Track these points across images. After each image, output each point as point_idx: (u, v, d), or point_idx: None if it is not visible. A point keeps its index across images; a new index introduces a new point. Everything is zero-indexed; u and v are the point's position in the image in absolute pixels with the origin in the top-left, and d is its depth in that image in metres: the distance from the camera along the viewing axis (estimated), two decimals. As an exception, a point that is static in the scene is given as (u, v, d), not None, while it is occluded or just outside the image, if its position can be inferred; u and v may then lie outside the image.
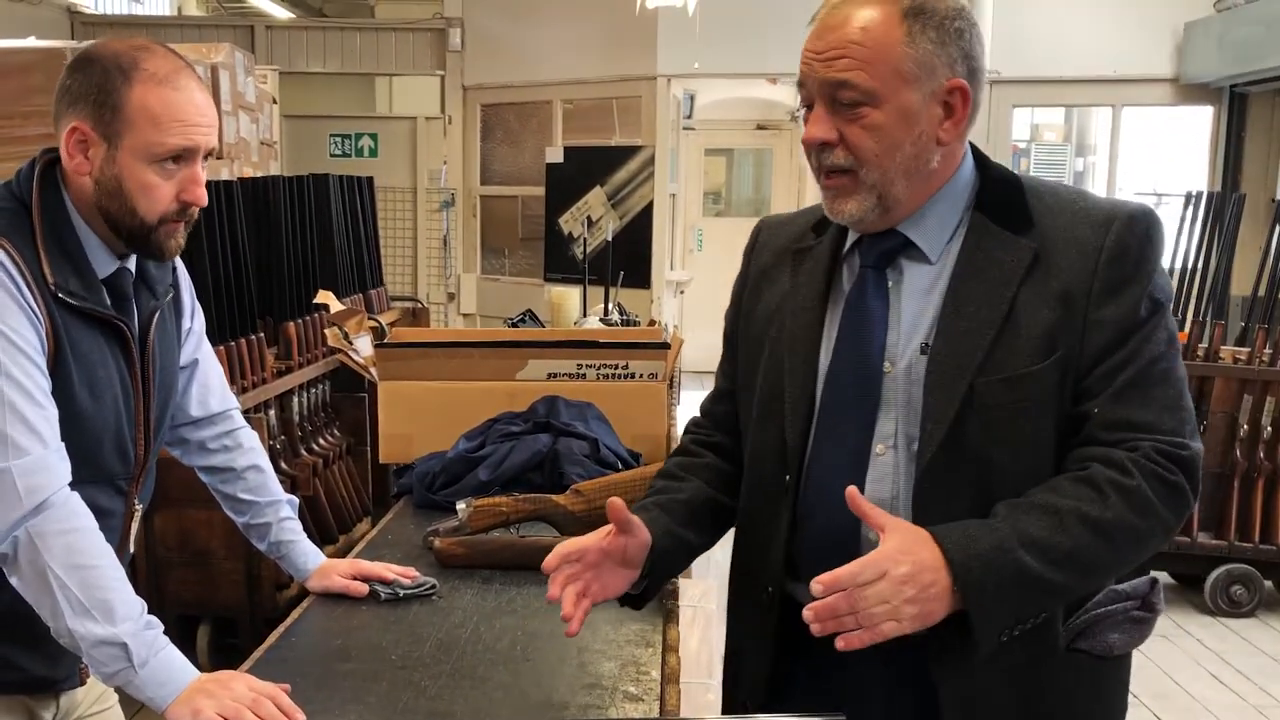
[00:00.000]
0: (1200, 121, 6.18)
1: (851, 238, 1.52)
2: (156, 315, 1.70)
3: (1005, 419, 1.38)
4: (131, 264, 1.66)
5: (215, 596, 4.07)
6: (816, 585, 1.29)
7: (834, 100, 1.39)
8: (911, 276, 1.46)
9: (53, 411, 1.51)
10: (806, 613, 1.30)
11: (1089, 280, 1.38)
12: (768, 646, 1.54)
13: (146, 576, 4.03)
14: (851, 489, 1.34)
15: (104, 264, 1.62)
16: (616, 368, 2.78)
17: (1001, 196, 1.45)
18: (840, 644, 1.30)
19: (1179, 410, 1.40)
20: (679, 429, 3.29)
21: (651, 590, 1.59)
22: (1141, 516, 1.34)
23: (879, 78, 1.37)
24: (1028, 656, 1.40)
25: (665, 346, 2.85)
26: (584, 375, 2.78)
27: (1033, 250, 1.40)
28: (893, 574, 1.28)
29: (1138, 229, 1.40)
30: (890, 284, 1.46)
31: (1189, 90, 6.97)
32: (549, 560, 1.51)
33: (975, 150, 1.50)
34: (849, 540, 1.41)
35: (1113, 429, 1.37)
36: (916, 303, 1.45)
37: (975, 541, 1.32)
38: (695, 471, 1.66)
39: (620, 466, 2.48)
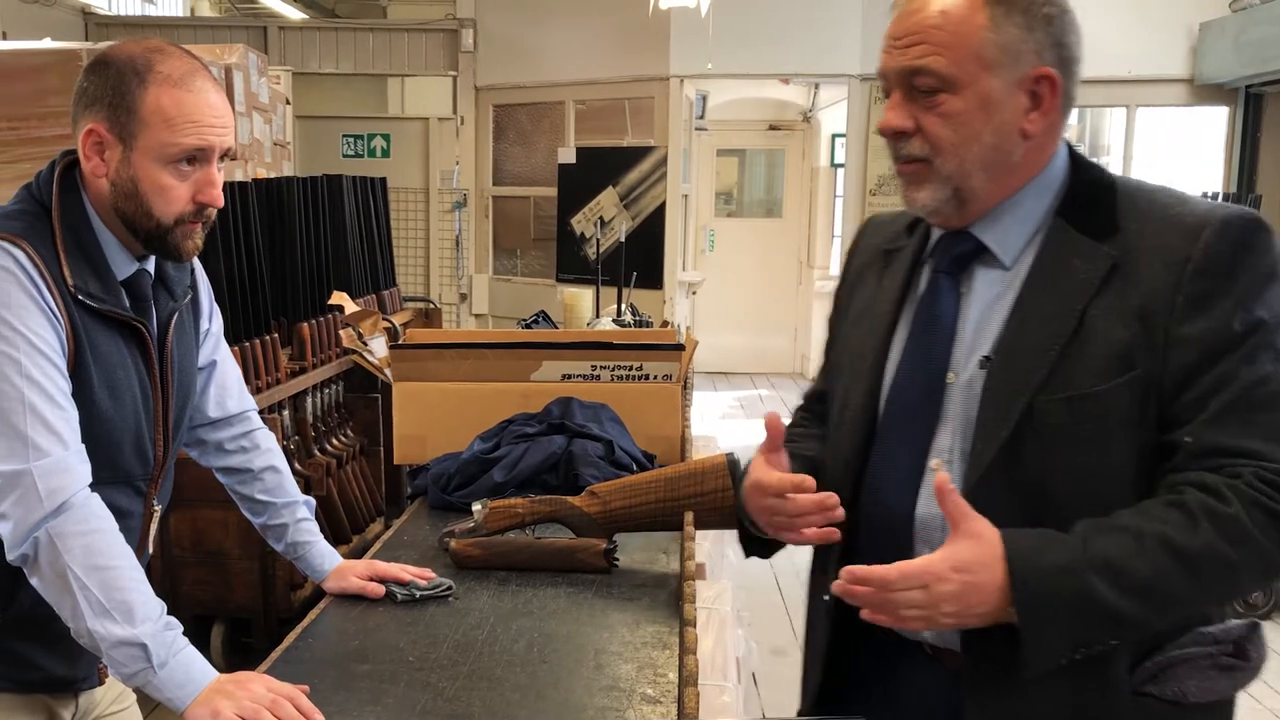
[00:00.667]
0: (1215, 122, 6.15)
1: (933, 239, 1.46)
2: (175, 316, 1.71)
3: (1065, 443, 1.28)
4: (150, 266, 1.67)
5: (230, 596, 4.08)
6: (845, 576, 1.25)
7: (911, 87, 1.34)
8: (983, 283, 1.39)
9: (73, 413, 1.52)
10: (835, 585, 1.26)
11: (1172, 294, 1.26)
12: (820, 656, 1.52)
13: (161, 576, 4.04)
14: (941, 477, 1.27)
15: (123, 266, 1.63)
16: (631, 369, 2.78)
17: (1087, 199, 1.36)
18: (865, 614, 1.27)
19: None
20: (693, 430, 3.30)
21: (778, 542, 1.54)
22: (1235, 547, 1.21)
23: (957, 63, 1.30)
24: (1076, 689, 1.30)
25: (680, 348, 2.85)
26: (598, 376, 2.78)
27: (1111, 260, 1.30)
28: (934, 589, 1.23)
29: (1231, 235, 1.27)
30: (962, 291, 1.40)
31: (1204, 91, 6.93)
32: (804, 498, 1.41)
33: (1072, 151, 1.41)
34: (903, 555, 1.32)
35: (1209, 456, 1.24)
36: (984, 312, 1.37)
37: (1042, 555, 1.23)
38: (806, 441, 1.61)
39: (635, 468, 2.48)
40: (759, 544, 1.59)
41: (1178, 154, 8.39)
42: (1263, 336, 1.25)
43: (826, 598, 1.46)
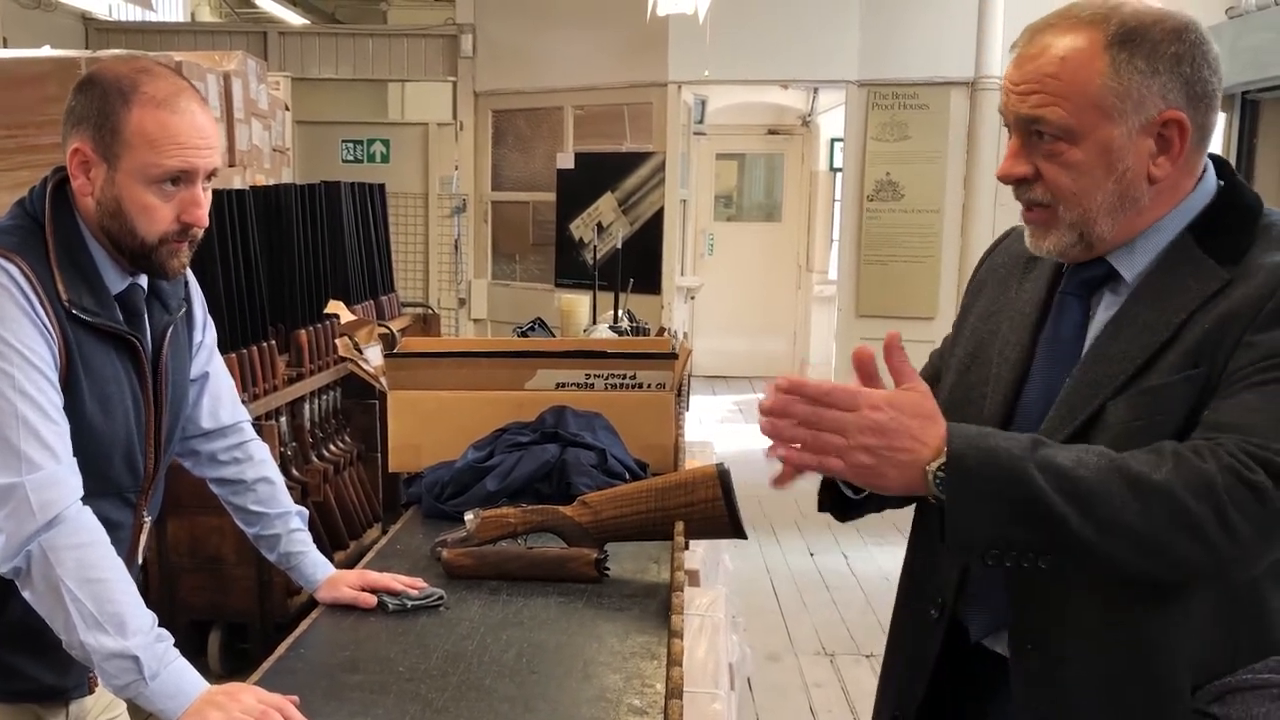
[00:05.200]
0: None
1: None
2: (169, 330, 1.72)
3: (1121, 437, 1.25)
4: (144, 280, 1.69)
5: (227, 602, 4.10)
6: (781, 382, 1.23)
7: (1030, 133, 1.32)
8: (1107, 306, 1.37)
9: (65, 427, 1.53)
10: (762, 402, 1.23)
11: (1258, 305, 1.23)
12: (925, 670, 1.49)
13: (159, 583, 4.06)
14: (892, 333, 1.26)
15: (116, 280, 1.64)
16: (624, 377, 2.79)
17: (1221, 223, 1.33)
18: (770, 453, 1.24)
19: None
20: (691, 435, 3.30)
21: (869, 504, 1.51)
22: (1197, 499, 1.15)
23: (1075, 114, 1.27)
24: (1129, 699, 1.28)
25: (673, 356, 2.87)
26: (592, 385, 2.79)
27: (1224, 281, 1.27)
28: (864, 413, 1.20)
29: None
30: (1091, 313, 1.39)
31: (1201, 96, 6.89)
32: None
33: (1224, 172, 1.37)
34: None
35: (1213, 429, 1.21)
36: (1100, 328, 1.36)
37: (986, 438, 1.21)
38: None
39: (628, 477, 2.49)
40: (840, 502, 1.54)
41: (1176, 159, 8.37)
42: None
43: (934, 612, 1.46)
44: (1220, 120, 6.07)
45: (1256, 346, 1.22)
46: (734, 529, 2.06)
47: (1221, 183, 1.37)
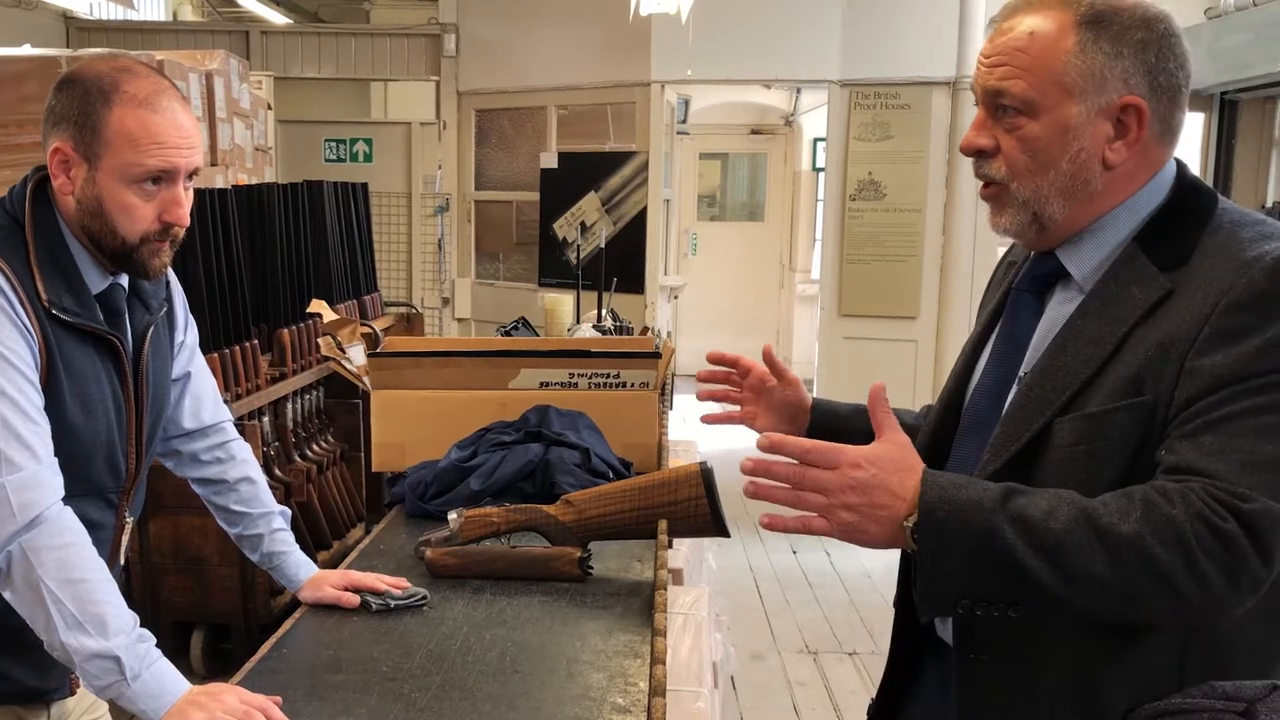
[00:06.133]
0: (1192, 128, 6.19)
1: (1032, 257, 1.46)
2: (150, 330, 1.72)
3: (1066, 461, 1.27)
4: (124, 280, 1.68)
5: (210, 603, 4.09)
6: (762, 440, 1.25)
7: (995, 108, 1.34)
8: (1057, 302, 1.39)
9: (46, 427, 1.53)
10: (745, 462, 1.25)
11: (1198, 327, 1.22)
12: (889, 657, 1.55)
13: (141, 583, 4.04)
14: (877, 385, 1.29)
15: (97, 280, 1.64)
16: (608, 376, 2.80)
17: (1169, 227, 1.32)
18: (763, 520, 1.27)
19: (1272, 473, 1.16)
20: (675, 434, 3.31)
21: None
22: (1166, 549, 1.15)
23: (1038, 88, 1.29)
24: (1065, 715, 1.30)
25: (656, 356, 2.87)
26: (575, 384, 2.79)
27: (1166, 290, 1.27)
28: (845, 472, 1.22)
29: (1279, 277, 1.21)
30: (1041, 309, 1.40)
31: (1181, 96, 6.94)
32: (713, 356, 1.66)
33: (1183, 177, 1.37)
34: None
35: (1176, 472, 1.19)
36: (1048, 330, 1.37)
37: (959, 490, 1.21)
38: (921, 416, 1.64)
39: (612, 476, 2.49)
40: None
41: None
42: None
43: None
44: (1199, 120, 6.09)
45: (1199, 374, 1.21)
46: (717, 527, 2.07)
47: (1177, 184, 1.36)
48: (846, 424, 1.72)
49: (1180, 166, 1.39)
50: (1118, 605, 1.19)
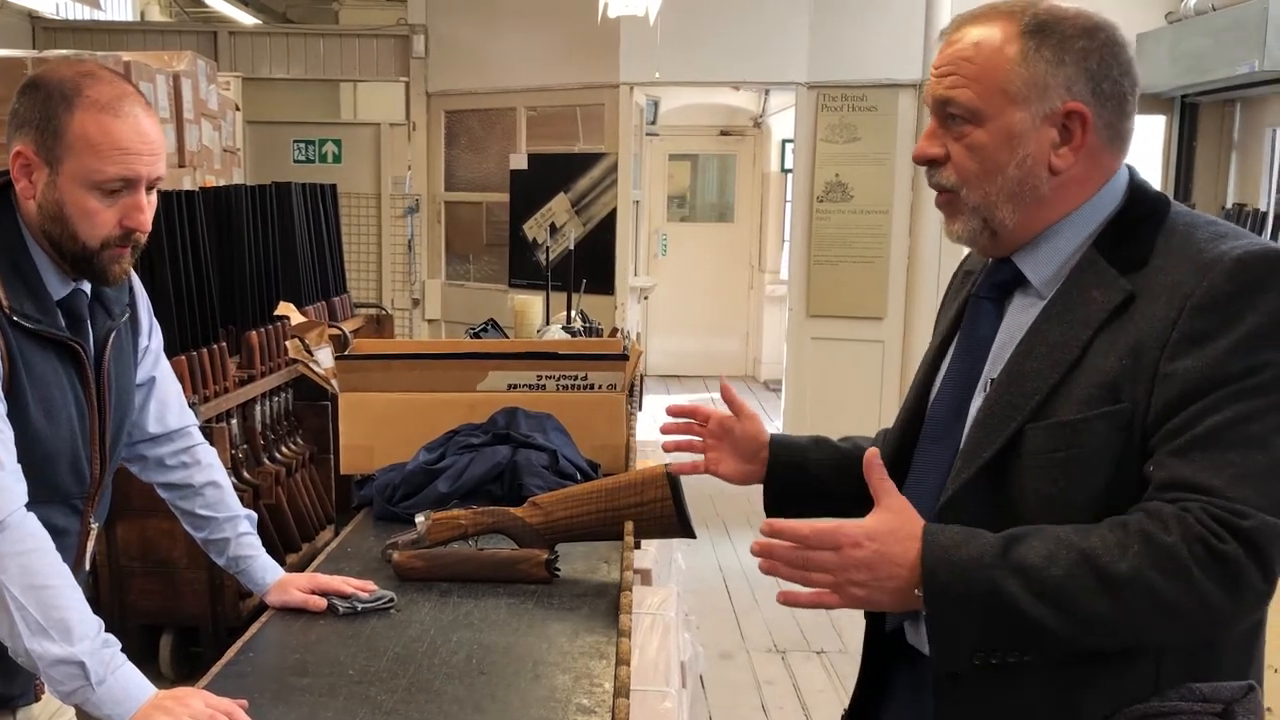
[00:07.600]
0: (1153, 131, 6.27)
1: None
2: (112, 335, 1.72)
3: (1042, 469, 1.28)
4: (87, 286, 1.68)
5: (178, 606, 4.07)
6: (763, 526, 1.28)
7: (945, 116, 1.37)
8: (1017, 308, 1.41)
9: (9, 433, 1.52)
10: (753, 546, 1.28)
11: (1167, 331, 1.24)
12: (869, 676, 1.56)
13: (109, 587, 4.02)
14: (872, 451, 1.30)
15: (58, 286, 1.64)
16: (576, 379, 2.81)
17: (1125, 231, 1.34)
18: (779, 597, 1.30)
19: (1265, 482, 1.19)
20: (639, 438, 3.33)
21: (781, 502, 1.69)
22: (1168, 579, 1.17)
23: (983, 96, 1.33)
24: None
25: (624, 358, 2.89)
26: (543, 386, 2.80)
27: (1127, 293, 1.29)
28: (846, 552, 1.25)
29: (1243, 274, 1.23)
30: (1001, 316, 1.42)
31: (1142, 100, 6.94)
32: (672, 409, 1.70)
33: (1135, 182, 1.40)
34: None
35: (1169, 489, 1.21)
36: (1010, 336, 1.39)
37: (959, 549, 1.23)
38: (878, 440, 1.65)
39: (579, 477, 2.50)
40: (779, 504, 1.71)
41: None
42: (1262, 377, 1.21)
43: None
44: (1160, 123, 6.14)
45: (1173, 379, 1.23)
46: (683, 529, 2.09)
47: (1130, 190, 1.39)
48: (806, 456, 1.72)
49: (1132, 172, 1.42)
50: (1129, 637, 1.24)
